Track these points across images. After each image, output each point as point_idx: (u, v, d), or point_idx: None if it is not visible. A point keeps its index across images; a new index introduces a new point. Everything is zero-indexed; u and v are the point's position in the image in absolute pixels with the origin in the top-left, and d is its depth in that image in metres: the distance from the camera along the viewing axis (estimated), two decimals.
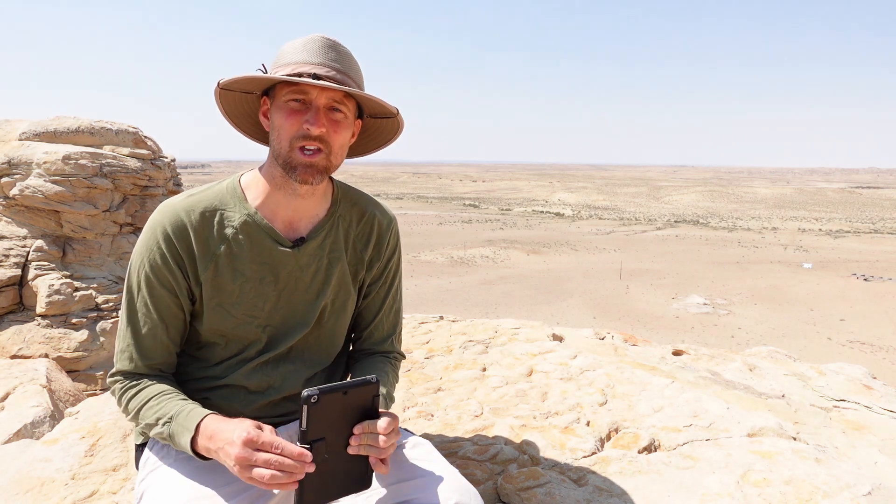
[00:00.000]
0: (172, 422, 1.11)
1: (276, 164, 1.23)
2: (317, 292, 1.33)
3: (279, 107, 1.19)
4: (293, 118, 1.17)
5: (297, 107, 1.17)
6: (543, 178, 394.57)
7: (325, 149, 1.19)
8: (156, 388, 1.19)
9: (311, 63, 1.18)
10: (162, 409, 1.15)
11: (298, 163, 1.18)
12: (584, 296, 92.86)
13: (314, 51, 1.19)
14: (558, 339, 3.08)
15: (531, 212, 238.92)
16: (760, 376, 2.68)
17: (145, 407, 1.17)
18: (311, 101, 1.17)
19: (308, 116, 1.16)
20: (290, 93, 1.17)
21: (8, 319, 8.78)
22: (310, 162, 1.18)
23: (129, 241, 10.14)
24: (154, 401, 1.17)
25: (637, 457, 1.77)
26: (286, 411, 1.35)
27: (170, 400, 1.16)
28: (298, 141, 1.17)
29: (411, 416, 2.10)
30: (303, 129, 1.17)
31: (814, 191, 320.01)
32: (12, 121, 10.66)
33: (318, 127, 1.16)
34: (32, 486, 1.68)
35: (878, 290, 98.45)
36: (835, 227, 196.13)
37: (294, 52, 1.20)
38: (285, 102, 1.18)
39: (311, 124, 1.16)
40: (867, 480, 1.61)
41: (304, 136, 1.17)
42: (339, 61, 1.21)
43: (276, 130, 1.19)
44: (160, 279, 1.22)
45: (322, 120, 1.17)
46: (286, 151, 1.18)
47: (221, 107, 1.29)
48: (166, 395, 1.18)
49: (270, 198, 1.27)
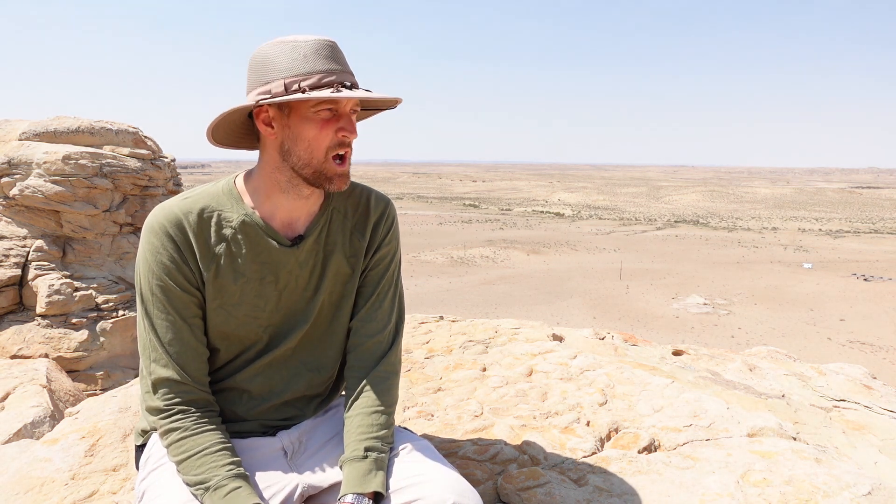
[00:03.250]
0: (206, 494, 1.11)
1: (284, 170, 1.23)
2: (315, 288, 1.33)
3: (307, 118, 1.18)
4: (327, 128, 1.19)
5: (329, 116, 1.19)
6: (543, 178, 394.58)
7: (349, 154, 1.23)
8: (201, 439, 1.17)
9: (335, 71, 1.19)
10: (205, 471, 1.13)
11: (334, 173, 1.22)
12: (584, 296, 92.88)
13: (329, 57, 1.19)
14: (558, 339, 3.08)
15: (531, 212, 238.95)
16: (760, 376, 2.68)
17: (185, 462, 1.15)
18: (339, 110, 1.20)
19: (342, 124, 1.20)
20: (321, 104, 1.17)
21: (8, 319, 8.78)
22: (343, 171, 1.23)
23: (129, 241, 10.14)
24: (196, 459, 1.15)
25: (637, 457, 1.77)
26: (288, 415, 1.34)
27: (212, 461, 1.14)
28: (334, 150, 1.20)
29: (411, 416, 2.10)
30: (338, 138, 1.20)
31: (814, 191, 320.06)
32: (12, 121, 10.66)
33: (354, 134, 1.21)
34: (32, 486, 1.68)
35: (878, 290, 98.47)
36: (835, 227, 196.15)
37: (307, 60, 1.17)
38: (315, 113, 1.18)
39: (347, 132, 1.20)
40: (867, 480, 1.61)
41: (340, 143, 1.20)
42: (346, 62, 1.23)
43: (306, 141, 1.19)
44: (174, 279, 1.20)
45: (355, 127, 1.22)
46: (320, 162, 1.20)
47: (211, 133, 1.23)
48: (208, 452, 1.15)
49: (270, 200, 1.27)
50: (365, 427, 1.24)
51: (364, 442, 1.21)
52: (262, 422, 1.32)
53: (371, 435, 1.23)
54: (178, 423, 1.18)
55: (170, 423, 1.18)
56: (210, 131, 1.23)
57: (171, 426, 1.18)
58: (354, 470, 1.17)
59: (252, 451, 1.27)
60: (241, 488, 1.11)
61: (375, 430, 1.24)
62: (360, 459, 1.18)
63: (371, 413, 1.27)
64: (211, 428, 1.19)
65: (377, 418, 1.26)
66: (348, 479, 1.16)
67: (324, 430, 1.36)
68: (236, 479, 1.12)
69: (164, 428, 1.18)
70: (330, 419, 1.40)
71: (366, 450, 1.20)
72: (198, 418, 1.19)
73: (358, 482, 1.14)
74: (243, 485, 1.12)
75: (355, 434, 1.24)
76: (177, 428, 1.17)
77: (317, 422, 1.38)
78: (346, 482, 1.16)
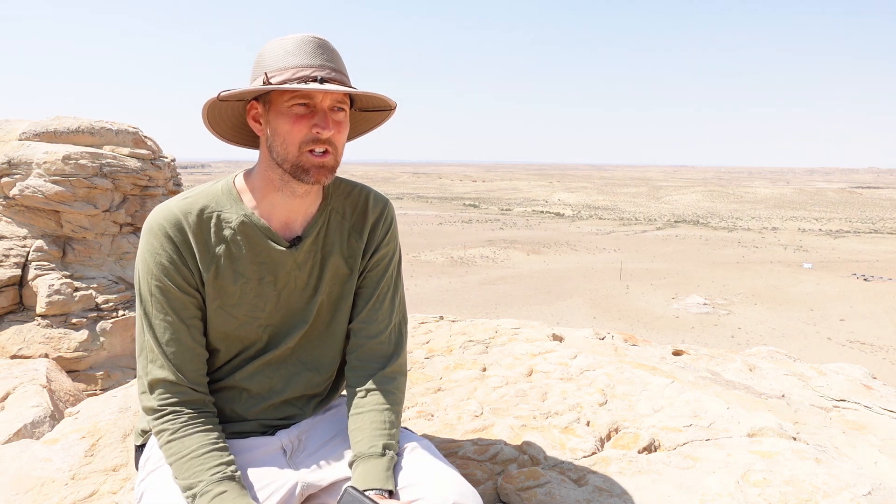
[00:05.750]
0: (195, 501, 1.11)
1: (274, 167, 1.23)
2: (313, 288, 1.33)
3: (282, 112, 1.18)
4: (301, 123, 1.17)
5: (303, 111, 1.17)
6: (543, 178, 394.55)
7: (332, 150, 1.20)
8: (189, 441, 1.16)
9: (311, 66, 1.17)
10: (192, 476, 1.12)
11: (311, 164, 1.19)
12: (584, 296, 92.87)
13: (310, 52, 1.19)
14: (558, 339, 3.08)
15: (531, 212, 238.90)
16: (760, 376, 2.68)
17: (175, 465, 1.15)
18: (316, 105, 1.17)
19: (316, 120, 1.17)
20: (294, 98, 1.16)
21: (8, 319, 8.78)
22: (321, 162, 1.19)
23: (129, 241, 10.14)
24: (183, 462, 1.14)
25: (637, 457, 1.77)
26: (287, 414, 1.34)
27: (199, 465, 1.13)
28: (308, 145, 1.18)
29: (411, 416, 2.10)
30: (312, 134, 1.17)
31: (814, 191, 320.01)
32: (12, 121, 10.67)
33: (328, 130, 1.17)
34: (32, 486, 1.68)
35: (878, 290, 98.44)
36: (835, 227, 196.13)
37: (287, 55, 1.19)
38: (289, 108, 1.17)
39: (320, 128, 1.16)
40: (867, 480, 1.61)
41: (314, 140, 1.17)
42: (333, 60, 1.21)
43: (281, 136, 1.18)
44: (173, 280, 1.20)
45: (330, 123, 1.17)
46: (295, 156, 1.18)
47: (208, 116, 1.26)
48: (194, 455, 1.14)
49: (267, 199, 1.27)
50: (379, 423, 1.25)
51: (381, 439, 1.21)
52: (262, 421, 1.32)
53: (386, 432, 1.24)
54: (169, 423, 1.17)
55: (161, 424, 1.18)
56: (209, 126, 1.27)
57: (163, 427, 1.18)
58: (374, 466, 1.17)
59: (251, 450, 1.27)
60: (227, 492, 1.09)
61: (389, 428, 1.25)
62: (378, 457, 1.18)
63: (384, 410, 1.27)
64: (201, 429, 1.18)
65: (389, 416, 1.27)
66: (367, 475, 1.15)
67: (323, 430, 1.36)
68: (222, 482, 1.11)
69: (157, 428, 1.18)
70: (330, 418, 1.40)
71: (384, 447, 1.20)
72: (189, 419, 1.18)
73: (380, 479, 1.14)
74: (230, 487, 1.11)
75: (369, 430, 1.24)
76: (167, 429, 1.17)
77: (316, 421, 1.38)
78: (365, 478, 1.15)
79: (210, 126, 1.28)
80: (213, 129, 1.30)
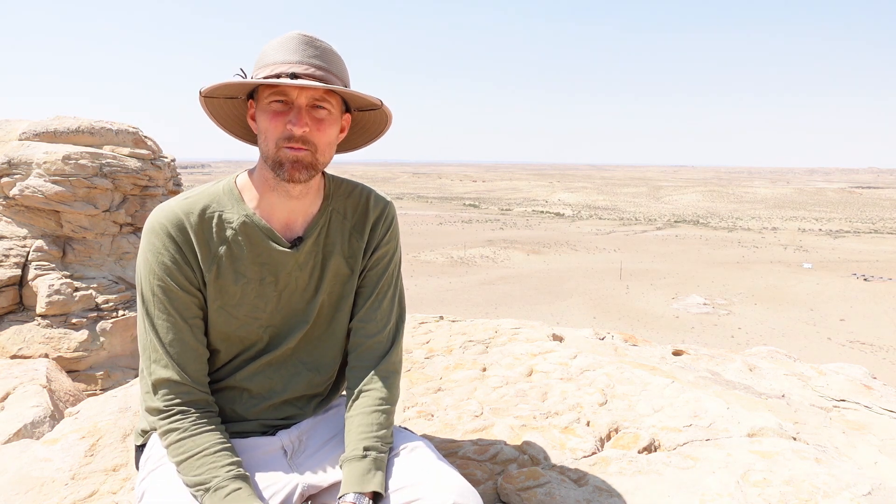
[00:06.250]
0: (206, 495, 1.11)
1: (266, 166, 1.23)
2: (314, 288, 1.33)
3: (263, 109, 1.19)
4: (277, 120, 1.17)
5: (280, 108, 1.17)
6: (543, 178, 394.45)
7: (310, 148, 1.19)
8: (200, 439, 1.16)
9: (288, 62, 1.17)
10: (205, 472, 1.13)
11: (286, 158, 1.18)
12: (584, 296, 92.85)
13: (291, 49, 1.18)
14: (558, 339, 3.08)
15: (531, 212, 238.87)
16: (760, 376, 2.68)
17: (185, 463, 1.15)
18: (293, 102, 1.17)
19: (290, 117, 1.16)
20: (271, 95, 1.17)
21: (8, 319, 8.78)
22: (296, 157, 1.17)
23: (130, 241, 10.14)
24: (195, 459, 1.14)
25: (637, 457, 1.77)
26: (287, 415, 1.34)
27: (212, 462, 1.14)
28: (283, 142, 1.17)
29: (411, 416, 2.10)
30: (286, 131, 1.16)
31: (814, 191, 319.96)
32: (12, 121, 10.67)
33: (301, 127, 1.16)
34: (32, 486, 1.68)
35: (878, 290, 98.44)
36: (835, 227, 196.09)
37: (272, 51, 1.19)
38: (268, 104, 1.18)
39: (293, 125, 1.15)
40: (867, 480, 1.61)
41: (289, 136, 1.16)
42: (319, 57, 1.19)
43: (263, 133, 1.19)
44: (175, 279, 1.20)
45: (304, 119, 1.16)
46: (273, 152, 1.18)
47: (210, 113, 1.28)
48: (207, 453, 1.15)
49: (266, 199, 1.27)
50: (364, 426, 1.24)
51: (363, 441, 1.21)
52: (262, 421, 1.32)
53: (370, 434, 1.23)
54: (178, 423, 1.18)
55: (169, 424, 1.18)
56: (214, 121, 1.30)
57: (171, 426, 1.18)
58: (354, 469, 1.17)
59: (252, 450, 1.27)
60: (242, 489, 1.11)
61: (375, 430, 1.24)
62: (359, 459, 1.18)
63: (371, 412, 1.27)
64: (210, 428, 1.19)
65: (377, 417, 1.26)
66: (348, 479, 1.16)
67: (324, 430, 1.36)
68: (236, 479, 1.12)
69: (164, 428, 1.18)
70: (330, 419, 1.40)
71: (365, 449, 1.20)
72: (197, 419, 1.19)
73: (357, 481, 1.14)
74: (243, 486, 1.12)
75: (355, 433, 1.24)
76: (176, 429, 1.17)
77: (317, 421, 1.38)
78: (346, 481, 1.16)
79: (222, 125, 1.31)
80: (227, 129, 1.32)
